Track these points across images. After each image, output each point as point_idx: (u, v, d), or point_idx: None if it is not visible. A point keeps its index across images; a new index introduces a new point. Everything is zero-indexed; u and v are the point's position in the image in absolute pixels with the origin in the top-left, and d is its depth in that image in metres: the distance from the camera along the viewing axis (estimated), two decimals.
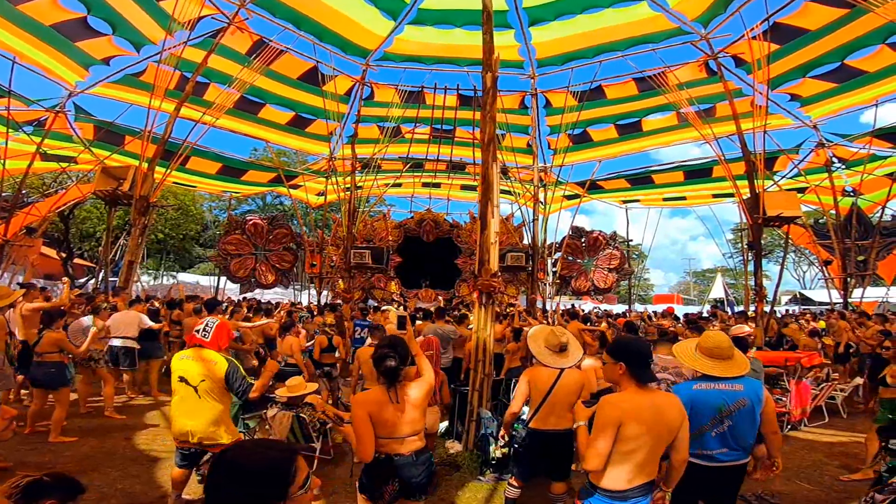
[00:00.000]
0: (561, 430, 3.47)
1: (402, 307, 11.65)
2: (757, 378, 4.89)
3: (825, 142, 11.88)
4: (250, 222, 16.15)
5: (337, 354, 7.02)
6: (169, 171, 10.61)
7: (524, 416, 4.02)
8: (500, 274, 5.77)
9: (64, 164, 12.75)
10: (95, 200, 18.04)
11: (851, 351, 8.55)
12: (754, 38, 9.41)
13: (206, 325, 3.47)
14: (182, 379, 3.32)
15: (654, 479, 2.35)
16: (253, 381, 3.39)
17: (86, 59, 9.99)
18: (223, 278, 17.12)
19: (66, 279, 7.67)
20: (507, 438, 3.87)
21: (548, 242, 15.58)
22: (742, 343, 4.86)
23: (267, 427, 5.17)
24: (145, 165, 9.48)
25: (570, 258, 16.85)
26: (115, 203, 10.17)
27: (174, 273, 29.90)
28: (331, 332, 7.19)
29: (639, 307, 21.68)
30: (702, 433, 2.77)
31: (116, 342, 6.77)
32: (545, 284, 15.54)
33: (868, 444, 4.76)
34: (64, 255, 19.18)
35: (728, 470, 2.86)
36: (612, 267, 16.71)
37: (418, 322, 7.75)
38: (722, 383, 2.80)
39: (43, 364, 5.23)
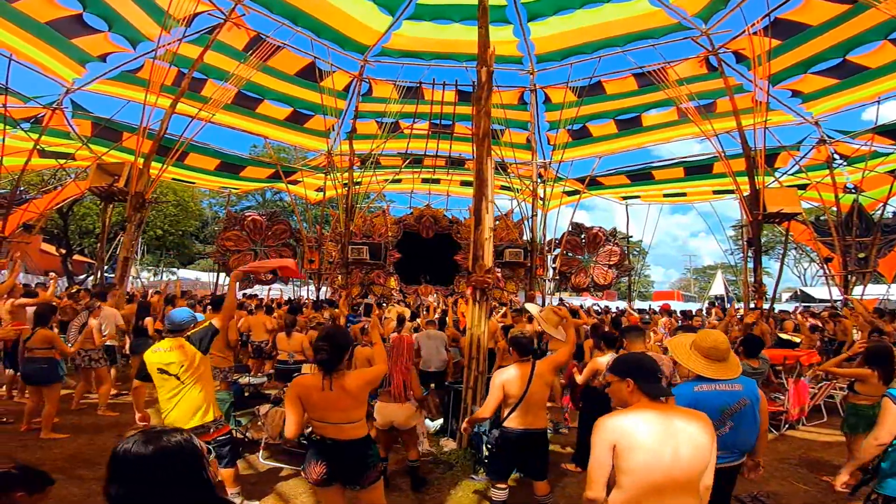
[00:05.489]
0: (536, 430, 3.46)
1: (402, 303, 11.65)
2: (762, 372, 4.89)
3: (826, 138, 11.78)
4: (249, 218, 16.11)
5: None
6: (165, 166, 10.57)
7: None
8: (494, 270, 5.72)
9: (61, 161, 12.72)
10: (94, 197, 18.06)
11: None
12: (755, 33, 9.32)
13: None
14: (162, 371, 3.33)
15: None
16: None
17: (82, 56, 9.96)
18: (222, 274, 17.10)
19: (52, 274, 7.66)
20: (466, 433, 3.87)
21: (547, 238, 15.55)
22: (757, 342, 4.88)
23: (259, 423, 5.15)
24: (141, 161, 9.44)
25: (570, 254, 16.79)
26: (110, 199, 10.15)
27: (174, 269, 29.91)
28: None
29: (638, 304, 21.62)
30: None
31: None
32: (544, 280, 15.51)
33: (852, 451, 4.65)
34: (63, 251, 19.19)
35: (723, 472, 2.82)
36: (611, 263, 16.65)
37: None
38: (722, 384, 2.71)
39: (34, 360, 5.23)
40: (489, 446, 3.62)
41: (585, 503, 1.99)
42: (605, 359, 4.56)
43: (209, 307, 6.51)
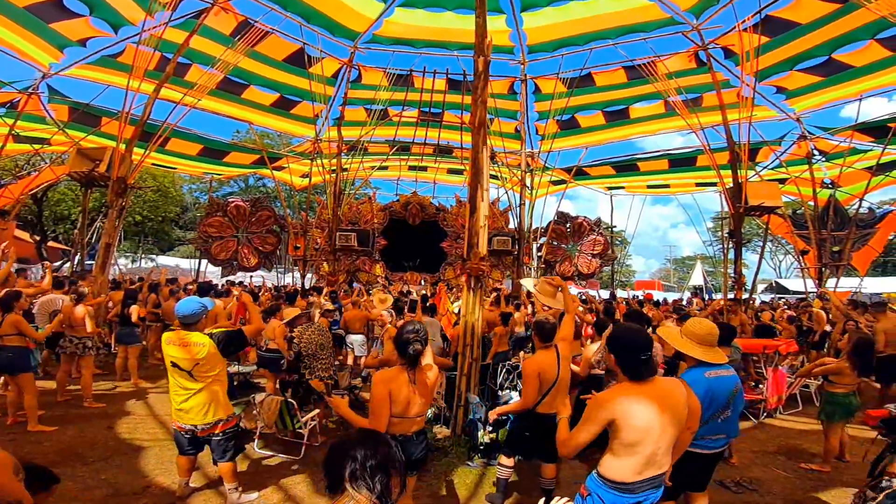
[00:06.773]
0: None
1: (385, 290, 11.61)
2: (734, 360, 5.06)
3: (807, 134, 12.07)
4: (232, 204, 15.83)
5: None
6: (147, 152, 10.29)
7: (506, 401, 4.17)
8: (487, 258, 5.77)
9: (37, 146, 12.31)
10: (70, 182, 17.50)
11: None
12: (745, 30, 9.43)
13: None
14: (174, 364, 3.33)
15: (666, 471, 2.23)
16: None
17: (60, 41, 9.62)
18: (204, 261, 16.82)
19: (47, 263, 7.46)
20: (494, 420, 3.95)
21: (533, 227, 15.67)
22: (729, 330, 4.99)
23: (255, 412, 5.14)
24: (123, 147, 9.18)
25: (555, 243, 16.97)
26: (90, 185, 9.88)
27: (153, 256, 29.30)
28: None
29: (620, 293, 21.99)
30: (712, 420, 2.79)
31: None
32: (530, 269, 15.67)
33: (829, 438, 4.84)
34: (37, 238, 18.63)
35: (715, 456, 2.95)
36: (595, 252, 16.90)
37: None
38: (721, 369, 2.83)
39: (3, 348, 4.97)
40: (527, 434, 3.67)
41: (561, 455, 2.39)
42: (595, 346, 4.69)
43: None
